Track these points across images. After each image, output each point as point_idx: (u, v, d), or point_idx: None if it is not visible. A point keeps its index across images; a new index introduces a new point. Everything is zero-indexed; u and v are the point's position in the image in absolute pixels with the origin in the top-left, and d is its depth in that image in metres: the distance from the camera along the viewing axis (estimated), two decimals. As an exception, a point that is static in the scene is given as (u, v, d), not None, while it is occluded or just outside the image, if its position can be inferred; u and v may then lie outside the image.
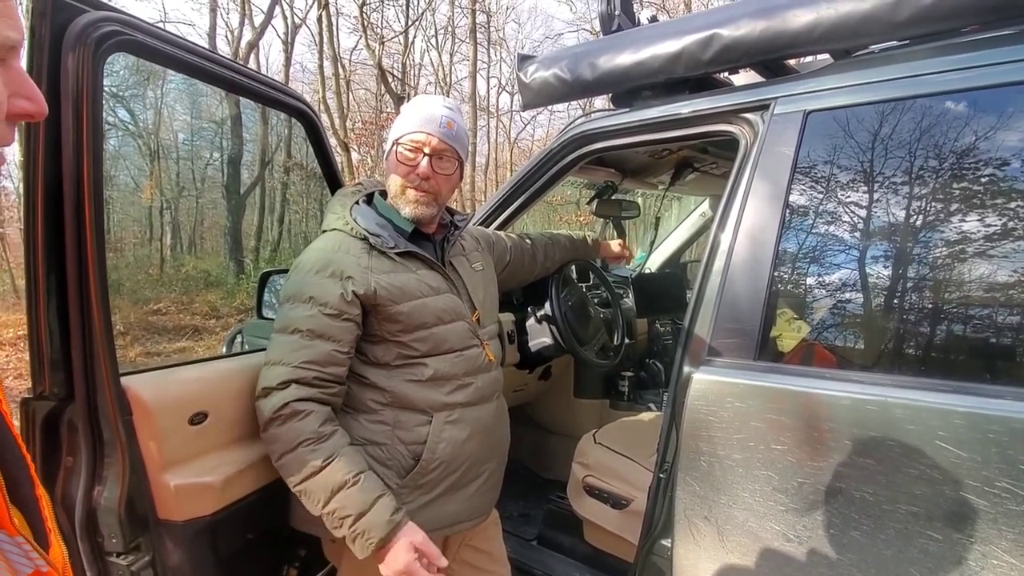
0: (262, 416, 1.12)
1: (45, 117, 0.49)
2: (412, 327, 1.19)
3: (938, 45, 1.13)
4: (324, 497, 1.07)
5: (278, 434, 1.10)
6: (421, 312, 1.20)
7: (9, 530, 0.43)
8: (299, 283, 1.16)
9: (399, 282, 1.19)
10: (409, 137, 1.22)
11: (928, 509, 0.97)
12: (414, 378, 1.20)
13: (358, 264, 1.17)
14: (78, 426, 1.01)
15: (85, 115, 0.87)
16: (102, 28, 0.88)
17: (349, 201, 1.28)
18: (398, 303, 1.17)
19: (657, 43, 1.46)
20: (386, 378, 1.20)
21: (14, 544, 0.42)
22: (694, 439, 1.21)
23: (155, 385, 1.09)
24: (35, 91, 0.47)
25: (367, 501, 1.07)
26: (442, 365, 1.22)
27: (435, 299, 1.22)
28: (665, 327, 2.88)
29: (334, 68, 13.00)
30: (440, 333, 1.22)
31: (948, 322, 1.05)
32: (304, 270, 1.17)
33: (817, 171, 1.19)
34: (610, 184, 2.32)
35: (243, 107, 10.22)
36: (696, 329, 1.26)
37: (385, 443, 1.19)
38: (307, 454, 1.08)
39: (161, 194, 10.78)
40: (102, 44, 0.88)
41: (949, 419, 0.95)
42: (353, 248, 1.19)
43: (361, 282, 1.15)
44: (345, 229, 1.21)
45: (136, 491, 1.04)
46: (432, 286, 1.23)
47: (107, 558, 1.05)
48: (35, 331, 0.95)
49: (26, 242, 0.90)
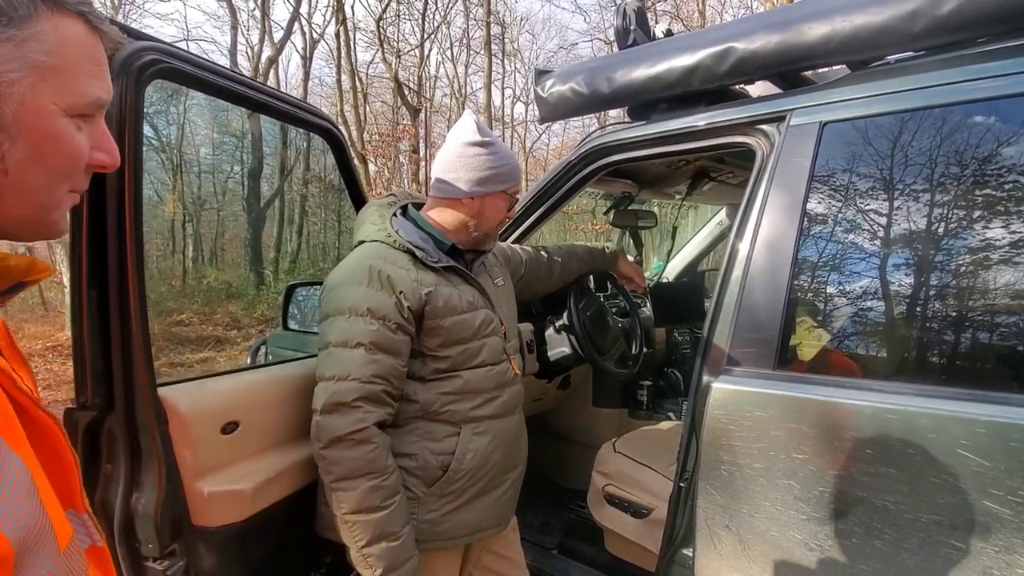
0: (329, 432, 1.10)
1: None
2: (451, 342, 1.21)
3: (954, 56, 1.14)
4: (367, 538, 1.10)
5: (344, 457, 1.09)
6: (460, 327, 1.22)
7: (79, 508, 0.50)
8: (351, 296, 1.15)
9: (444, 296, 1.20)
10: (513, 189, 1.30)
11: (952, 518, 0.97)
12: (447, 391, 1.22)
13: (408, 277, 1.17)
14: (117, 435, 1.05)
15: (128, 140, 0.91)
16: (144, 57, 0.93)
17: (387, 212, 1.28)
18: (441, 318, 1.19)
19: (673, 57, 1.48)
20: (421, 391, 1.21)
21: (80, 521, 0.50)
22: (714, 448, 1.22)
23: (190, 395, 1.13)
24: (113, 146, 0.53)
25: (402, 559, 1.12)
26: (475, 378, 1.24)
27: (473, 314, 1.24)
28: (683, 336, 2.88)
29: (351, 82, 13.23)
30: (476, 348, 1.24)
31: (968, 331, 1.06)
32: (352, 282, 1.16)
33: (834, 181, 1.20)
34: (627, 195, 2.34)
35: (262, 122, 10.42)
36: (715, 338, 1.27)
37: (416, 453, 1.20)
38: (369, 490, 1.09)
39: (184, 207, 11.01)
40: (144, 72, 0.93)
41: (972, 428, 0.95)
42: (400, 260, 1.19)
43: (412, 296, 1.16)
44: (388, 241, 1.21)
45: (172, 498, 1.07)
46: (470, 301, 1.25)
47: (144, 563, 1.08)
48: (79, 345, 0.99)
49: (72, 261, 0.95)
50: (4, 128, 0.44)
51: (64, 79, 0.47)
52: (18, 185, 0.46)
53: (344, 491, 1.10)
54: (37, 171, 0.47)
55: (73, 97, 0.48)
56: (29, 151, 0.46)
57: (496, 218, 1.30)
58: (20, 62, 0.44)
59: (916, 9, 1.15)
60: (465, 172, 1.24)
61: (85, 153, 0.50)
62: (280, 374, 1.35)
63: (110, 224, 0.94)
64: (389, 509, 1.11)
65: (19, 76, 0.44)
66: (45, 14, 0.45)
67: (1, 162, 0.45)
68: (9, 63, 0.44)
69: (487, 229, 1.30)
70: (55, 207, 0.50)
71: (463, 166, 1.25)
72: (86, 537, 0.50)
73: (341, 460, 1.10)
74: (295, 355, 1.66)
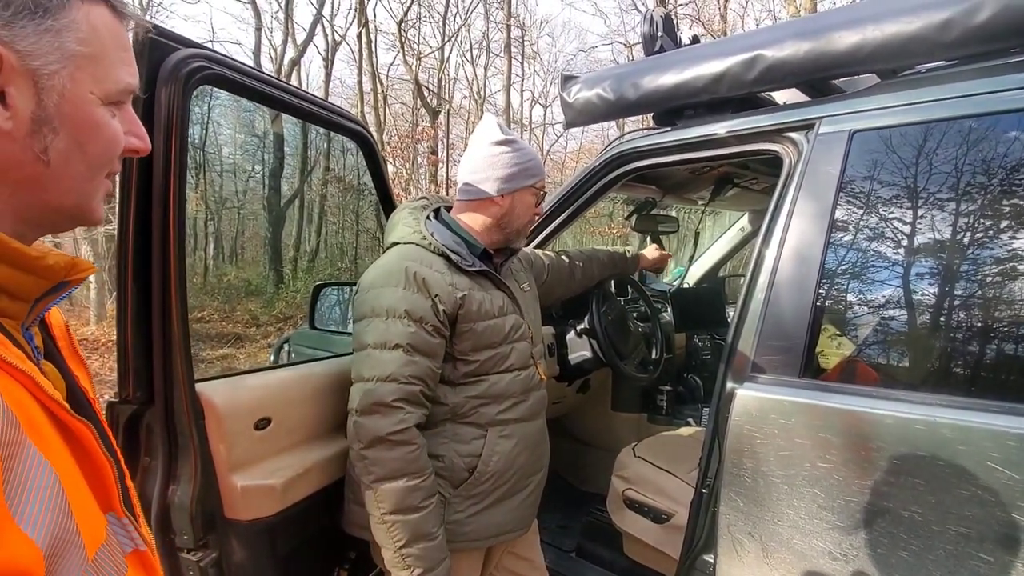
0: (371, 432, 1.11)
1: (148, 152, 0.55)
2: (482, 346, 1.22)
3: (987, 66, 1.14)
4: (406, 538, 1.11)
5: (384, 457, 1.11)
6: (492, 332, 1.24)
7: (118, 512, 0.49)
8: (388, 297, 1.15)
9: (477, 300, 1.22)
10: (540, 182, 1.32)
11: (979, 530, 0.96)
12: (475, 394, 1.23)
13: (443, 280, 1.18)
14: (155, 428, 1.09)
15: (174, 144, 0.95)
16: (191, 64, 0.96)
17: (421, 215, 1.30)
18: (473, 321, 1.21)
19: (701, 64, 1.48)
20: (451, 394, 1.23)
21: (120, 525, 0.49)
22: (738, 455, 1.22)
23: (225, 391, 1.16)
24: (143, 130, 0.54)
25: (438, 559, 1.13)
26: (503, 383, 1.26)
27: (504, 319, 1.26)
28: (704, 342, 2.87)
29: (372, 83, 13.34)
30: (505, 352, 1.26)
31: (995, 341, 1.05)
32: (389, 283, 1.16)
33: (862, 190, 1.19)
34: (650, 200, 2.34)
35: (284, 121, 10.55)
36: (739, 345, 1.27)
37: (443, 455, 1.22)
38: (409, 490, 1.11)
39: (206, 206, 11.18)
40: (191, 78, 0.96)
41: (1001, 440, 0.95)
42: (435, 263, 1.20)
43: (447, 299, 1.17)
44: (423, 244, 1.23)
45: (206, 491, 1.10)
46: (501, 306, 1.27)
47: (179, 554, 1.12)
48: (123, 341, 1.03)
49: (118, 263, 0.98)
50: (47, 120, 0.45)
51: (99, 67, 0.47)
52: (60, 175, 0.46)
53: (384, 491, 1.11)
54: (78, 160, 0.47)
55: (108, 84, 0.48)
56: (70, 141, 0.46)
57: (527, 214, 1.32)
58: (59, 53, 0.44)
59: (949, 19, 1.15)
60: (493, 171, 1.27)
61: (121, 139, 0.51)
62: (310, 372, 1.38)
63: (155, 226, 0.98)
64: (427, 509, 1.13)
65: (59, 67, 0.44)
66: (76, 3, 0.45)
67: (44, 154, 0.45)
68: (49, 54, 0.44)
69: (518, 226, 1.32)
70: (94, 194, 0.50)
71: (490, 165, 1.27)
72: (128, 541, 0.50)
73: (382, 460, 1.11)
74: (320, 354, 1.69)
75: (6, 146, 0.43)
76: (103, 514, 0.47)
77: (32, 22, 0.43)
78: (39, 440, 0.40)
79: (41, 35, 0.43)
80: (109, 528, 0.47)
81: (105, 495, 0.48)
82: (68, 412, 0.44)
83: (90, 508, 0.44)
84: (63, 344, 0.57)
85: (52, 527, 0.38)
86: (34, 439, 0.39)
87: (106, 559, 0.44)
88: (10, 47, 0.42)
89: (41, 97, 0.44)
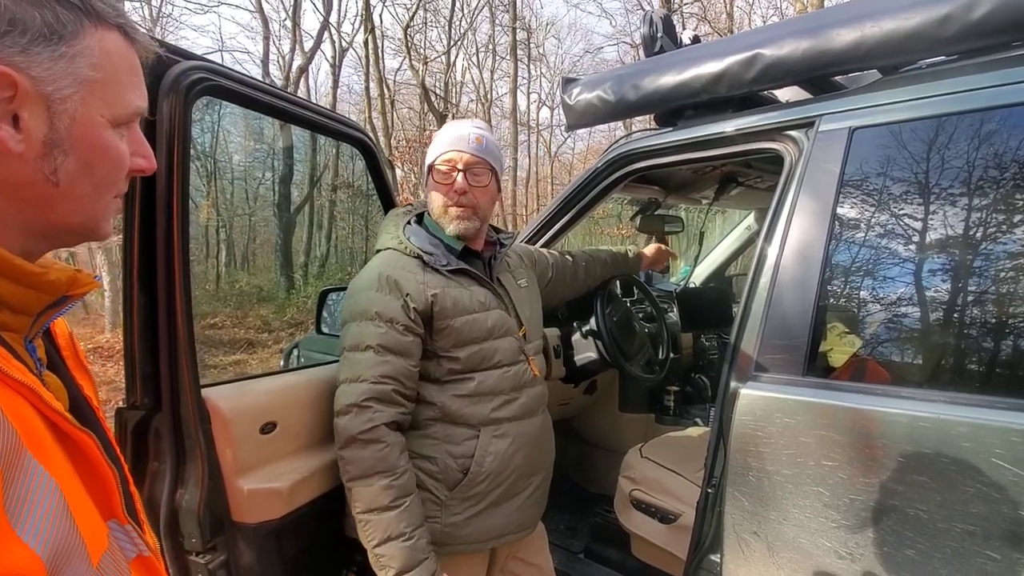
0: (344, 433, 1.14)
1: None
2: (463, 342, 1.23)
3: (986, 61, 1.13)
4: (379, 537, 1.12)
5: (357, 456, 1.14)
6: (472, 327, 1.24)
7: (120, 518, 0.50)
8: (362, 301, 1.20)
9: (452, 297, 1.23)
10: (443, 157, 1.27)
11: (985, 528, 0.96)
12: (463, 393, 1.24)
13: (414, 279, 1.21)
14: (163, 433, 1.10)
15: (176, 154, 0.97)
16: (192, 76, 0.98)
17: (401, 221, 1.33)
18: (451, 318, 1.22)
19: (700, 64, 1.48)
20: (437, 393, 1.24)
21: (123, 531, 0.50)
22: (742, 454, 1.22)
23: (231, 396, 1.17)
24: (149, 151, 0.55)
25: (415, 560, 1.12)
26: (490, 380, 1.26)
27: (485, 315, 1.27)
28: (710, 341, 2.86)
29: (379, 89, 13.43)
30: (489, 348, 1.26)
31: (1000, 338, 1.04)
32: (364, 288, 1.21)
33: (863, 187, 1.19)
34: (654, 200, 2.34)
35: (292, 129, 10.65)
36: (743, 344, 1.27)
37: (435, 457, 1.23)
38: (380, 489, 1.12)
39: (217, 213, 11.31)
40: (192, 90, 0.98)
41: (1007, 437, 0.94)
42: (408, 265, 1.23)
43: (418, 297, 1.20)
44: (399, 248, 1.26)
45: (214, 494, 1.12)
46: (482, 301, 1.27)
47: (187, 557, 1.13)
48: (129, 348, 1.05)
49: (124, 270, 1.00)
50: (58, 143, 0.46)
51: (110, 92, 0.49)
52: (68, 195, 0.48)
53: (358, 490, 1.13)
54: (85, 181, 0.48)
55: (118, 108, 0.50)
56: (79, 163, 0.47)
57: (440, 188, 1.27)
58: (72, 78, 0.46)
59: (948, 14, 1.14)
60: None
61: (127, 160, 0.52)
62: (314, 377, 1.40)
63: (159, 236, 0.99)
64: (399, 509, 1.13)
65: (71, 92, 0.46)
66: (90, 29, 0.47)
67: (53, 175, 0.46)
68: (63, 79, 0.45)
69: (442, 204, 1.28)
70: (103, 214, 0.52)
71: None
72: (131, 547, 0.50)
73: (356, 459, 1.14)
74: (327, 358, 1.70)
75: (17, 167, 0.45)
76: (105, 521, 0.47)
77: (47, 48, 0.44)
78: (39, 452, 0.41)
79: (56, 61, 0.45)
80: (111, 535, 0.47)
81: (107, 502, 0.49)
82: (69, 422, 0.45)
83: (92, 516, 0.45)
84: (67, 354, 0.58)
85: (54, 537, 0.39)
86: (34, 451, 0.40)
87: (110, 566, 0.45)
88: (25, 73, 0.43)
89: (53, 121, 0.46)
